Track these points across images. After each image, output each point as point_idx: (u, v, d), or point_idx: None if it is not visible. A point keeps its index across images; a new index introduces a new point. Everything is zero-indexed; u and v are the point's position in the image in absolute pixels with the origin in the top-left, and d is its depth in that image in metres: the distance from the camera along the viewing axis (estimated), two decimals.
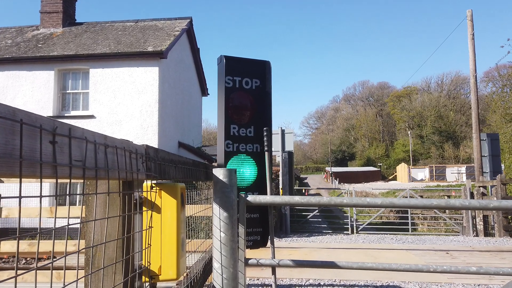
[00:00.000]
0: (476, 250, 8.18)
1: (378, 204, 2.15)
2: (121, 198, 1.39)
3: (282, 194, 11.89)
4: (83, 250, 1.43)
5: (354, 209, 12.22)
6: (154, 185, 1.67)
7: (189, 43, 16.69)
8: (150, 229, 1.52)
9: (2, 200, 6.04)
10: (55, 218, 0.94)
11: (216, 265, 2.31)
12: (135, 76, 12.71)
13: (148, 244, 1.50)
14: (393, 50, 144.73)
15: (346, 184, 46.66)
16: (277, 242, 9.88)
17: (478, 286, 5.47)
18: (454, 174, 53.49)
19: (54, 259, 0.79)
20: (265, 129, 2.34)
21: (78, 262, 1.07)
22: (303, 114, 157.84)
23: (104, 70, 12.84)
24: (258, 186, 2.94)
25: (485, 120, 45.63)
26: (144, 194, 1.63)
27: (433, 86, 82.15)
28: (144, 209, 1.63)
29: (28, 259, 8.76)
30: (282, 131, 12.50)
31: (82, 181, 1.06)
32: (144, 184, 1.66)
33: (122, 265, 1.37)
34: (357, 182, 53.22)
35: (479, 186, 12.00)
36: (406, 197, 13.39)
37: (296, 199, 2.25)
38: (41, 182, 0.80)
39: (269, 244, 2.77)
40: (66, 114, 12.96)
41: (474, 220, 11.64)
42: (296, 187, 26.81)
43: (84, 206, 1.49)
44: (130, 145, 1.31)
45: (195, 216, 3.42)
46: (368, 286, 5.51)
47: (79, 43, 13.70)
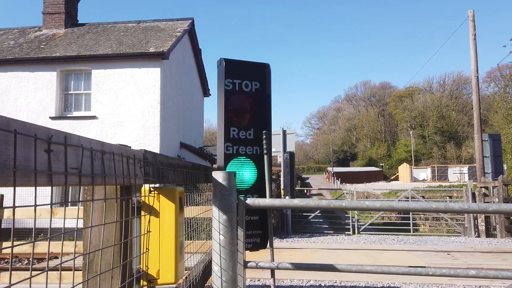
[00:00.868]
0: (477, 251, 8.16)
1: (377, 207, 2.15)
2: (118, 203, 1.40)
3: (283, 195, 11.89)
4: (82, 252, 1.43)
5: None
6: (152, 189, 1.67)
7: (190, 44, 16.71)
8: (148, 233, 1.52)
9: (1, 201, 6.05)
10: (50, 220, 0.95)
11: (215, 268, 2.32)
12: (137, 77, 12.74)
13: (146, 248, 1.51)
14: (395, 50, 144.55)
15: (348, 184, 46.63)
16: (278, 242, 9.88)
17: (480, 287, 5.46)
18: (456, 174, 53.40)
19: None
20: (264, 132, 2.34)
21: (74, 267, 1.08)
22: (305, 114, 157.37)
23: (106, 71, 12.87)
24: (258, 189, 2.95)
25: (487, 120, 45.51)
26: (142, 198, 1.64)
27: (435, 86, 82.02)
28: (142, 213, 1.64)
29: (29, 259, 8.79)
30: (284, 132, 12.51)
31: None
32: (142, 188, 1.67)
33: (119, 269, 1.37)
34: (359, 182, 53.22)
35: (481, 187, 11.97)
36: (408, 197, 13.39)
37: (295, 202, 2.25)
38: (35, 191, 0.81)
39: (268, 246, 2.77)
40: (68, 115, 12.99)
41: (476, 220, 11.61)
42: (297, 188, 26.79)
43: (82, 210, 1.49)
44: (127, 150, 1.32)
45: (197, 217, 3.43)
46: (368, 287, 5.50)
47: (81, 44, 13.74)
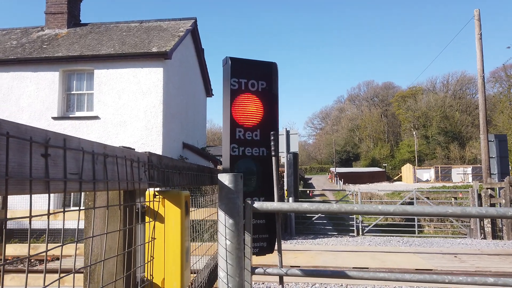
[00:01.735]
0: (485, 254, 8.04)
1: (390, 211, 2.06)
2: (122, 209, 1.32)
3: (287, 196, 11.80)
4: (83, 256, 1.35)
5: None
6: (157, 193, 1.59)
7: (193, 44, 16.65)
8: (153, 240, 1.44)
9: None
10: (48, 225, 0.87)
11: (221, 274, 2.23)
12: (140, 77, 12.68)
13: (151, 256, 1.43)
14: (398, 50, 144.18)
15: (350, 184, 46.44)
16: (282, 244, 9.79)
17: None
18: (460, 175, 53.11)
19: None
20: (272, 133, 2.26)
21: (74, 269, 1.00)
22: (308, 115, 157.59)
23: (108, 71, 12.81)
24: (264, 192, 2.86)
25: (491, 120, 45.31)
26: (146, 203, 1.56)
27: (438, 86, 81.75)
28: (146, 219, 1.55)
29: (32, 261, 8.74)
30: (287, 132, 12.42)
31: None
32: (146, 192, 1.59)
33: (123, 280, 1.29)
34: (361, 183, 53.02)
35: (487, 188, 11.84)
36: (412, 198, 13.26)
37: (304, 206, 2.16)
38: (30, 199, 0.73)
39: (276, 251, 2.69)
40: (70, 115, 12.95)
41: (482, 222, 11.48)
42: (300, 188, 26.69)
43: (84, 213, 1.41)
44: (131, 153, 1.24)
45: (200, 219, 3.35)
46: None
47: (84, 44, 13.69)
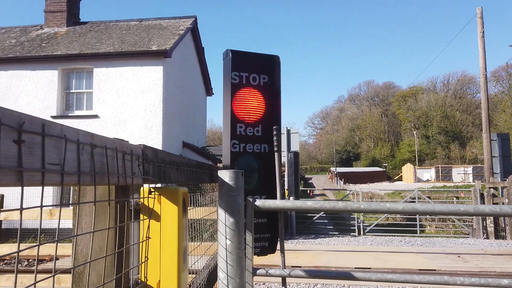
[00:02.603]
0: (488, 254, 7.94)
1: (399, 210, 1.96)
2: (113, 206, 1.22)
3: (288, 195, 11.70)
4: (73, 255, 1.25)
5: None
6: (152, 190, 1.49)
7: (193, 42, 16.54)
8: (148, 239, 1.34)
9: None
10: (40, 219, 0.76)
11: (221, 275, 2.13)
12: (139, 75, 12.58)
13: (145, 257, 1.33)
14: (398, 50, 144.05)
15: (351, 184, 46.32)
16: None
17: None
18: (461, 174, 52.98)
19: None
20: (274, 128, 2.16)
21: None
22: (308, 114, 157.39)
23: (108, 70, 12.71)
24: (265, 189, 2.76)
25: (492, 120, 45.22)
26: (141, 200, 1.46)
27: (439, 86, 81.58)
28: (141, 217, 1.45)
29: (30, 261, 8.65)
30: (288, 131, 12.32)
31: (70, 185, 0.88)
32: (141, 188, 1.48)
33: (113, 282, 1.19)
34: (362, 183, 52.86)
35: (489, 187, 11.74)
36: (414, 198, 13.16)
37: (308, 204, 2.06)
38: (22, 191, 0.62)
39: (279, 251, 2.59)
40: (70, 114, 12.86)
41: (485, 222, 11.38)
42: (301, 188, 26.59)
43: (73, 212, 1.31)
44: (124, 145, 1.14)
45: (200, 218, 3.25)
46: None
47: (83, 42, 13.59)
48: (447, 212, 1.99)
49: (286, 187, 11.97)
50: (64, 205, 0.94)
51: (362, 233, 12.09)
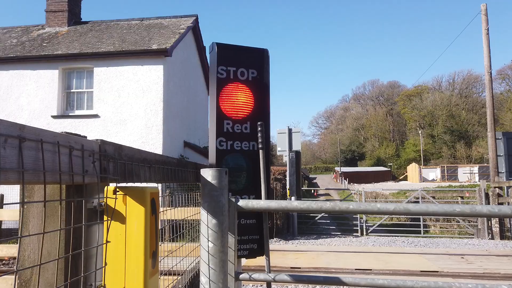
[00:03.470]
0: (493, 255, 7.75)
1: (390, 210, 1.83)
2: (64, 207, 1.10)
3: (289, 195, 11.57)
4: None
5: None
6: (118, 189, 1.38)
7: (194, 42, 16.45)
8: (107, 244, 1.22)
9: None
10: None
11: (203, 279, 2.02)
12: (140, 74, 12.50)
13: (104, 262, 1.21)
14: (403, 49, 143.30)
15: (355, 184, 46.09)
16: (283, 244, 9.57)
17: None
18: (466, 174, 52.52)
19: None
20: (259, 123, 2.04)
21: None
22: (312, 114, 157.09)
23: (108, 69, 12.65)
24: (254, 189, 2.64)
25: (498, 119, 44.79)
26: (102, 200, 1.34)
27: (444, 85, 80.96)
28: (105, 219, 1.34)
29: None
30: (289, 130, 12.20)
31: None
32: (106, 188, 1.37)
33: None
34: (367, 182, 52.58)
35: (495, 187, 11.53)
36: (418, 198, 12.98)
37: (294, 205, 1.94)
38: None
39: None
40: (70, 114, 12.80)
41: (490, 222, 11.18)
42: (305, 188, 26.44)
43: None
44: (71, 139, 1.02)
45: (188, 219, 3.15)
46: None
47: (84, 42, 13.54)
48: (442, 213, 1.86)
49: (287, 187, 11.84)
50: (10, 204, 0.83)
51: (365, 233, 11.93)
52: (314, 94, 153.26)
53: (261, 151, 2.14)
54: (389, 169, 68.42)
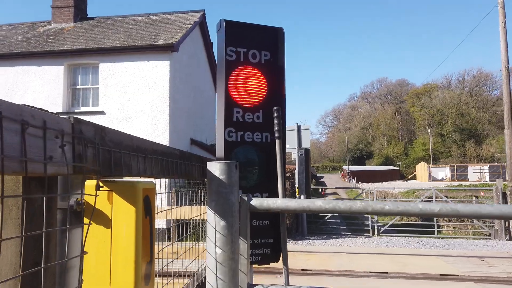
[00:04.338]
0: None
1: (435, 212, 1.52)
2: (21, 205, 0.81)
3: (298, 194, 11.25)
4: None
5: None
6: (102, 184, 1.09)
7: (201, 37, 16.18)
8: (82, 256, 0.93)
9: None
10: None
11: None
12: (146, 70, 12.26)
13: (79, 280, 0.92)
14: (412, 47, 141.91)
15: (363, 183, 45.59)
16: (293, 245, 9.26)
17: None
18: (476, 173, 51.72)
19: None
20: (275, 108, 1.75)
21: None
22: (320, 112, 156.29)
23: (114, 65, 12.42)
24: (267, 186, 2.34)
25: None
26: (86, 198, 1.05)
27: (454, 83, 79.79)
28: (85, 221, 1.05)
29: None
30: (298, 127, 11.88)
31: None
32: (86, 183, 1.08)
33: None
34: (375, 181, 52.00)
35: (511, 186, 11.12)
36: (431, 197, 12.58)
37: (318, 204, 1.63)
38: None
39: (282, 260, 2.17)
40: (76, 110, 12.60)
41: (507, 222, 10.76)
42: (312, 186, 26.09)
43: None
44: (24, 112, 0.73)
45: (195, 219, 2.87)
46: None
47: (90, 38, 13.34)
48: (497, 214, 1.54)
49: (296, 185, 11.53)
50: None
51: (376, 233, 11.57)
52: (321, 93, 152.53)
53: (277, 141, 1.84)
54: (397, 168, 67.70)
